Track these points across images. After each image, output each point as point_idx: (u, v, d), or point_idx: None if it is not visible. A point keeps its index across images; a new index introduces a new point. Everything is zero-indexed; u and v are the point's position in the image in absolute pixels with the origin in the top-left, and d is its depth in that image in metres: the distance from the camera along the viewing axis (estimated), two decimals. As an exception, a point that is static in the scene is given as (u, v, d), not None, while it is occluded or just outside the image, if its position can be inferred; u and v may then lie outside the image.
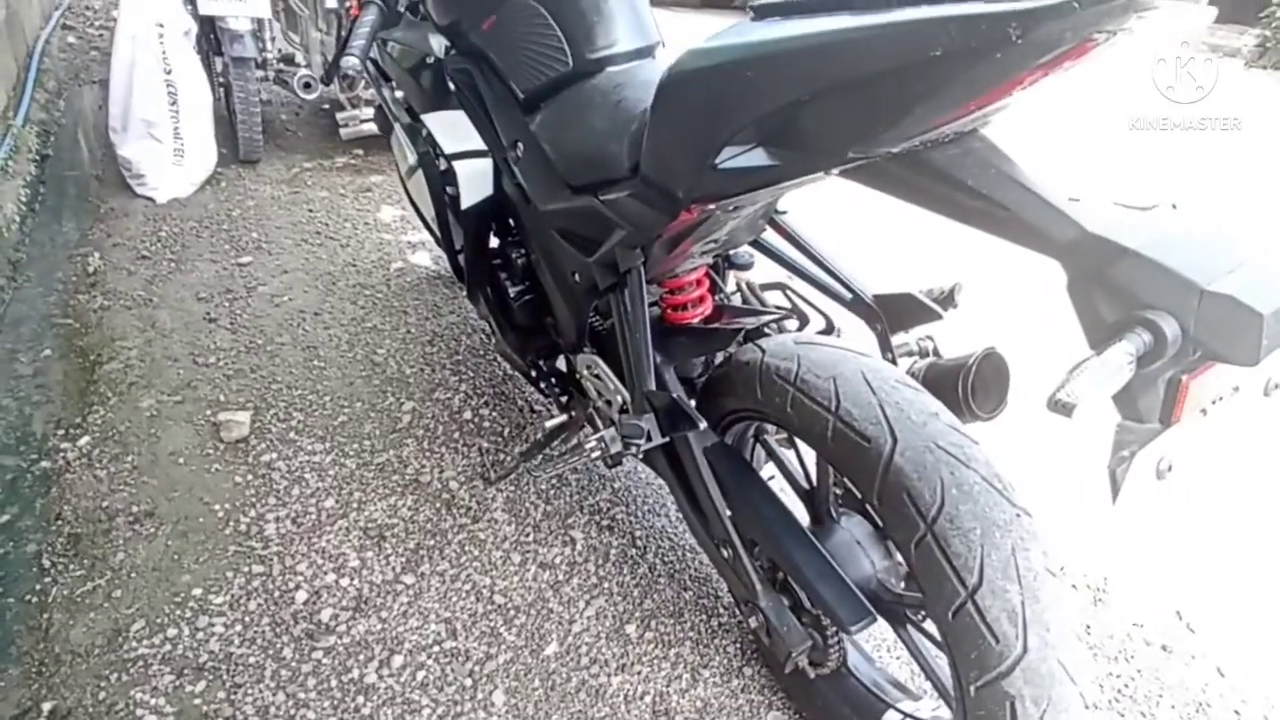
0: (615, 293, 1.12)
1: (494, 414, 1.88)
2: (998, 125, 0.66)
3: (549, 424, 1.41)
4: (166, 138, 2.70)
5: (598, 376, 1.22)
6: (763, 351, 1.00)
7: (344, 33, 1.36)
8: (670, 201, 0.86)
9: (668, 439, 1.03)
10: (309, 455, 1.69)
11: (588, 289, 1.20)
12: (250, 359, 1.98)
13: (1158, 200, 0.68)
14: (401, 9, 1.37)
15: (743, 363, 1.03)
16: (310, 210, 2.81)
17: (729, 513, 1.07)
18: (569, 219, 1.18)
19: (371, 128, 3.04)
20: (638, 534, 1.58)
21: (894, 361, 1.13)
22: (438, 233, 1.60)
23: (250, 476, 1.61)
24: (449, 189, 1.44)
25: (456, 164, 1.38)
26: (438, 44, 1.44)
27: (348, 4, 1.41)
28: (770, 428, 1.16)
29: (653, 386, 1.02)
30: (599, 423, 1.31)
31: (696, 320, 1.20)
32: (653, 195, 0.89)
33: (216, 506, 1.53)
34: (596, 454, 1.24)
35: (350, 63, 1.24)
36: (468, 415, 1.86)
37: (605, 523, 1.59)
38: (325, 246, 2.58)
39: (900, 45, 0.56)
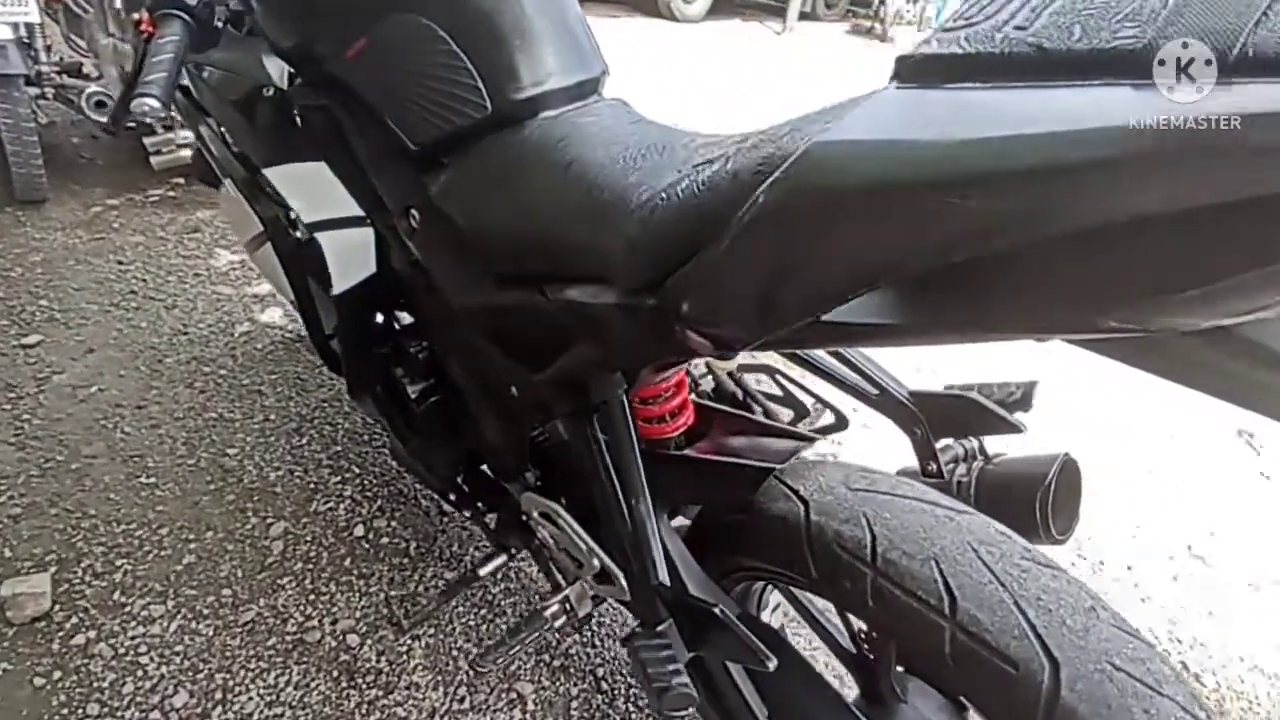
0: (577, 423, 0.81)
1: (393, 524, 1.50)
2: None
3: (483, 570, 1.07)
4: (-97, 182, 2.06)
5: (553, 523, 0.90)
6: (804, 504, 0.73)
7: (137, 59, 0.95)
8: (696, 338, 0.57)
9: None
10: (145, 625, 1.25)
11: (532, 407, 0.88)
12: (47, 486, 1.48)
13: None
14: (220, 23, 0.97)
15: (775, 517, 0.75)
16: (120, 263, 2.25)
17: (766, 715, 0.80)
18: (499, 318, 0.86)
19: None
20: (600, 671, 1.27)
21: (940, 473, 0.89)
22: (299, 316, 1.21)
23: (58, 674, 1.16)
24: (312, 266, 1.06)
25: (321, 236, 1.01)
26: (277, 70, 1.05)
27: (135, 16, 0.98)
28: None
29: (665, 575, 0.72)
30: (556, 573, 0.99)
31: (677, 434, 0.91)
32: (663, 324, 0.58)
33: (5, 735, 1.08)
34: (560, 621, 0.93)
35: (148, 106, 0.84)
36: (359, 531, 1.47)
37: (558, 662, 1.27)
38: (145, 310, 2.06)
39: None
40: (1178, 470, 2.04)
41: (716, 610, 0.70)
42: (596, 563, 0.84)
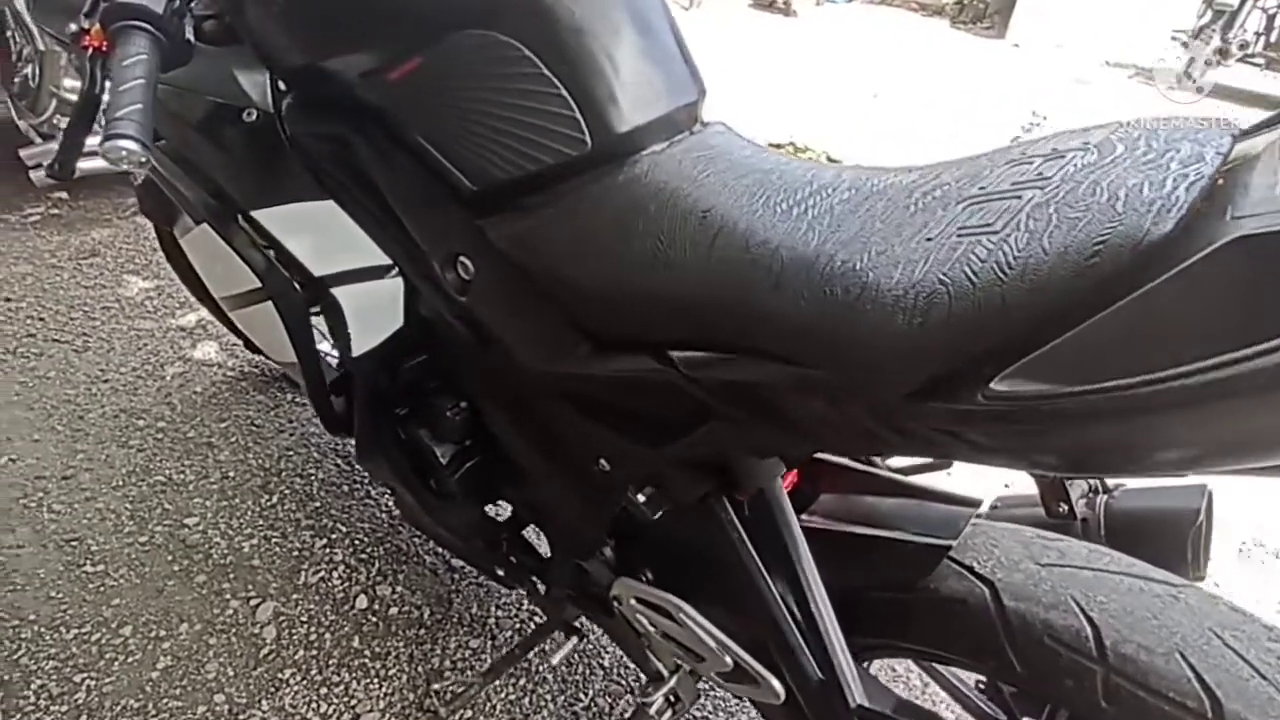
0: (705, 506, 0.70)
1: (399, 589, 1.33)
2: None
3: (554, 659, 0.94)
4: None
5: (664, 613, 0.78)
6: (988, 585, 0.65)
7: (88, 84, 0.75)
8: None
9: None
10: (125, 755, 1.05)
11: (629, 483, 0.76)
12: (-34, 590, 1.23)
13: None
14: (191, 36, 0.78)
15: (950, 599, 0.66)
16: (7, 298, 1.93)
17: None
18: (594, 386, 0.73)
19: (82, 166, 2.17)
20: (662, 735, 1.17)
21: (1071, 514, 0.83)
22: (298, 379, 1.03)
23: (25, 834, 0.96)
24: (326, 325, 0.89)
25: (339, 291, 0.84)
26: (257, 89, 0.86)
27: (74, 28, 0.77)
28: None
29: (862, 693, 0.62)
30: (655, 658, 0.88)
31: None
32: (909, 425, 0.47)
33: None
34: (666, 717, 0.82)
35: (126, 150, 0.65)
36: (362, 602, 1.30)
37: (615, 730, 1.16)
38: (50, 356, 1.76)
39: None
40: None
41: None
42: (729, 660, 0.73)
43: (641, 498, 0.75)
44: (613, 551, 0.89)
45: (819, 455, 0.84)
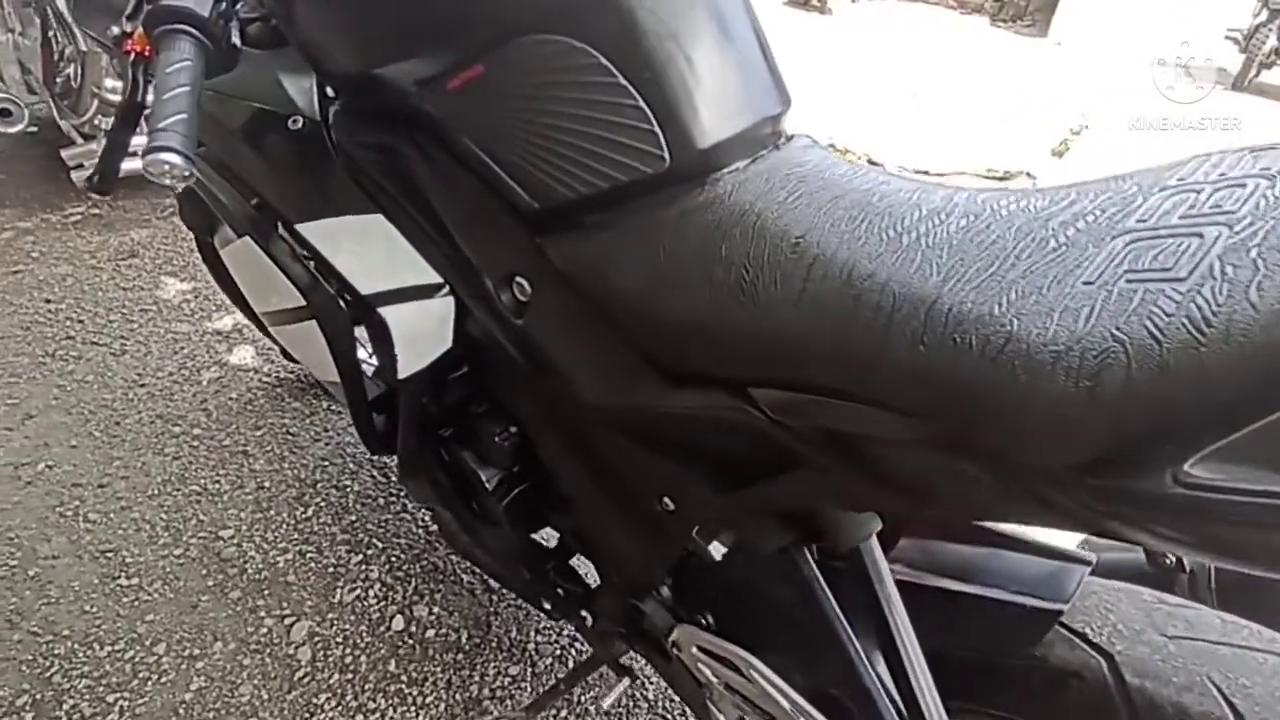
0: (784, 555, 0.64)
1: (436, 610, 1.29)
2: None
3: (606, 701, 0.88)
4: None
5: (730, 666, 0.73)
6: (1106, 658, 0.58)
7: (130, 90, 0.71)
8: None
9: None
10: (158, 782, 1.02)
11: (695, 524, 0.70)
12: (2, 601, 1.21)
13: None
14: (237, 41, 0.73)
15: (1058, 670, 0.60)
16: (48, 299, 1.92)
17: None
18: (663, 422, 0.67)
19: (123, 166, 2.16)
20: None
21: (1180, 565, 0.76)
22: (339, 396, 0.99)
23: None
24: (371, 345, 0.85)
25: (386, 311, 0.79)
26: (304, 96, 0.82)
27: (116, 31, 0.73)
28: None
29: None
30: (715, 710, 0.82)
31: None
32: (1067, 498, 0.41)
33: None
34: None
35: (169, 164, 0.60)
36: (399, 623, 1.26)
37: (661, 769, 1.11)
38: (88, 360, 1.75)
39: None
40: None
41: None
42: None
43: (709, 541, 0.69)
44: (670, 591, 0.83)
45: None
